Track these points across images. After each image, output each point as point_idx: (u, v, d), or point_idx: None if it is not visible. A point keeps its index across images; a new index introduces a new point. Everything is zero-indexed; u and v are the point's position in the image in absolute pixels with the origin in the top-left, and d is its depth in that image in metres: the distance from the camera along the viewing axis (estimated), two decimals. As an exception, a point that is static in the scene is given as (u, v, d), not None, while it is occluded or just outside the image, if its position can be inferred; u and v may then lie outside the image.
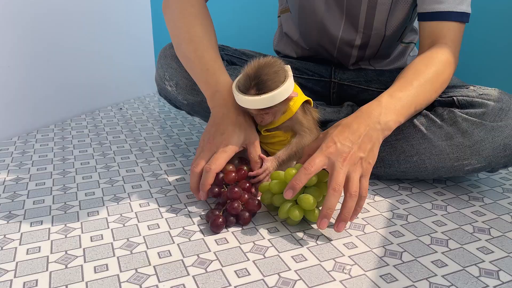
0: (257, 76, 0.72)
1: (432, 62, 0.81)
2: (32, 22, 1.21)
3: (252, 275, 0.61)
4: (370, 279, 0.60)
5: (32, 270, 0.61)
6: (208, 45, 0.85)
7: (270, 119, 0.77)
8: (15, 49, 1.17)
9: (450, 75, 0.84)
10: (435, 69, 0.80)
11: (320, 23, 0.95)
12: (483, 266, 0.63)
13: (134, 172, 0.95)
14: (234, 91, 0.75)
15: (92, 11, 1.41)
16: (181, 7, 0.88)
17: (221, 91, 0.80)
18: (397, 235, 0.71)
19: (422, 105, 0.80)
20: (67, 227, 0.73)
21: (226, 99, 0.79)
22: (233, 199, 0.73)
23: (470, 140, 0.79)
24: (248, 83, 0.73)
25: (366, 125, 0.72)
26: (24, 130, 1.22)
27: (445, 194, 0.86)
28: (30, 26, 1.20)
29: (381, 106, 0.75)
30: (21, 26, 1.17)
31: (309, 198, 0.69)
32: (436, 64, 0.81)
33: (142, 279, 0.60)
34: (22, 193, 0.85)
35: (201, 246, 0.68)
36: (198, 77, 0.85)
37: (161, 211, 0.78)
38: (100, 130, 1.25)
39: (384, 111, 0.74)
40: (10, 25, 1.14)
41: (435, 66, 0.80)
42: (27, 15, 1.19)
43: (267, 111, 0.75)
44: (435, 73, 0.80)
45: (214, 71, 0.83)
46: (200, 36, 0.85)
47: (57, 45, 1.30)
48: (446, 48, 0.83)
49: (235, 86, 0.76)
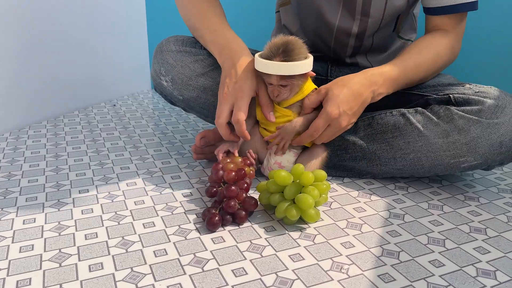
0: (284, 44, 0.76)
1: (435, 44, 0.87)
2: (25, 17, 1.19)
3: (249, 274, 0.60)
4: (368, 279, 0.60)
5: (25, 269, 0.60)
6: (214, 14, 0.91)
7: (286, 94, 0.79)
8: (7, 44, 1.15)
9: (450, 60, 0.90)
10: (437, 51, 0.87)
11: (318, 10, 0.94)
12: (480, 266, 0.63)
13: (128, 169, 0.94)
14: (257, 59, 0.77)
15: (85, 7, 1.39)
16: None
17: (229, 46, 0.85)
18: (394, 235, 0.71)
19: (414, 83, 0.89)
20: (61, 225, 0.72)
21: (234, 51, 0.84)
22: (230, 198, 0.73)
23: (467, 137, 0.79)
24: (275, 50, 0.75)
25: (366, 92, 0.80)
26: (16, 126, 1.20)
27: (441, 193, 0.86)
28: (22, 21, 1.18)
29: (383, 78, 0.82)
30: (14, 21, 1.16)
31: (307, 198, 0.69)
32: (438, 46, 0.87)
33: (138, 278, 0.59)
34: (14, 190, 0.84)
35: (197, 245, 0.67)
36: (207, 40, 0.90)
37: (156, 209, 0.78)
38: (93, 127, 1.23)
39: (382, 83, 0.82)
40: (2, 19, 1.12)
41: (437, 48, 0.87)
42: (19, 10, 1.17)
43: (286, 83, 0.77)
44: (436, 54, 0.87)
45: (221, 31, 0.88)
46: (206, 8, 0.91)
47: (49, 41, 1.28)
48: (450, 34, 0.89)
49: (258, 56, 0.78)
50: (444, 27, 0.89)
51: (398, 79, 0.84)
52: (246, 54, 0.83)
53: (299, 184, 0.73)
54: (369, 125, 0.88)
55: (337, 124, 0.79)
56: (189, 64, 0.93)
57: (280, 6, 1.09)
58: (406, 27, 1.02)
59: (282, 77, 0.76)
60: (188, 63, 0.93)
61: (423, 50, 0.87)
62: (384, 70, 0.83)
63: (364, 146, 0.88)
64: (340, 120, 0.79)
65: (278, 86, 0.78)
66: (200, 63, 0.93)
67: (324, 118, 0.79)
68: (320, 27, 0.98)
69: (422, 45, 0.88)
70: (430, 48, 0.87)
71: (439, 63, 0.88)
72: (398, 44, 1.04)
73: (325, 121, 0.79)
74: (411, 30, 1.05)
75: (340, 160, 0.90)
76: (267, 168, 0.86)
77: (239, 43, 0.86)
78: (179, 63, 0.93)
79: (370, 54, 1.02)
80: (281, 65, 0.75)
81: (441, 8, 0.87)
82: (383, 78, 0.82)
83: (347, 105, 0.79)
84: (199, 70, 0.92)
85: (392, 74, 0.83)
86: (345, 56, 1.03)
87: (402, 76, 0.84)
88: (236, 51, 0.84)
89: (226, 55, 0.84)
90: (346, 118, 0.80)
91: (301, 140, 0.82)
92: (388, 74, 0.83)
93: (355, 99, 0.79)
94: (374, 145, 0.87)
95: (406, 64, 0.85)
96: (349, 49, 1.01)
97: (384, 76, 0.82)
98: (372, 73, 0.82)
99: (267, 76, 0.78)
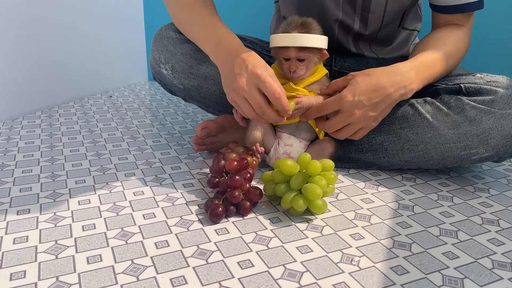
0: (302, 20, 0.77)
1: (456, 39, 0.86)
2: (18, 6, 1.15)
3: (256, 266, 0.57)
4: (380, 271, 0.57)
5: (19, 261, 0.57)
6: (203, 5, 0.85)
7: (302, 70, 0.78)
8: (2, 35, 1.11)
9: (464, 54, 0.88)
10: (458, 47, 0.85)
11: (319, 4, 0.91)
12: (496, 258, 0.60)
13: (126, 160, 0.91)
14: (273, 36, 0.77)
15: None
16: None
17: (223, 42, 0.79)
18: (404, 226, 0.68)
19: (441, 77, 0.85)
20: (57, 216, 0.68)
21: (230, 48, 0.78)
22: (234, 188, 0.70)
23: (478, 129, 0.77)
24: (294, 23, 0.76)
25: (394, 85, 0.76)
26: (9, 116, 1.16)
27: (450, 185, 0.83)
28: (16, 11, 1.14)
29: (416, 73, 0.78)
30: (7, 10, 1.11)
31: (315, 188, 0.66)
32: (458, 42, 0.85)
33: (139, 271, 0.56)
34: (7, 180, 0.80)
35: (200, 236, 0.64)
36: (197, 35, 0.84)
37: (156, 200, 0.74)
38: (89, 117, 1.20)
39: (415, 78, 0.77)
40: (-5, 5, 1.08)
41: (458, 44, 0.85)
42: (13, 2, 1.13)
43: (304, 57, 0.76)
44: (457, 50, 0.85)
45: (212, 25, 0.82)
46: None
47: (44, 31, 1.24)
48: (464, 28, 0.87)
49: (273, 34, 0.79)
50: (456, 22, 0.88)
51: (429, 72, 0.80)
52: (246, 51, 0.77)
53: (305, 174, 0.70)
54: (376, 115, 0.85)
55: (349, 112, 0.76)
56: (190, 52, 0.89)
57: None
58: (411, 18, 1.00)
59: (300, 49, 0.75)
60: (189, 51, 0.89)
61: (447, 43, 0.84)
62: (414, 64, 0.79)
63: (371, 137, 0.85)
64: (353, 109, 0.75)
65: (296, 61, 0.76)
66: (201, 51, 0.89)
67: (335, 99, 0.76)
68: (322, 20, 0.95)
69: (446, 38, 0.85)
70: (452, 41, 0.85)
71: (460, 56, 0.86)
72: (404, 36, 1.02)
73: (335, 102, 0.76)
74: (416, 20, 1.02)
75: (346, 152, 0.88)
76: (274, 157, 0.83)
77: (233, 40, 0.79)
78: (180, 51, 0.90)
79: (374, 45, 1.00)
80: (300, 35, 0.75)
81: (454, 6, 0.85)
82: (415, 70, 0.78)
83: (366, 95, 0.75)
84: (201, 58, 0.89)
85: (422, 68, 0.79)
86: (349, 47, 1.00)
87: (433, 69, 0.81)
88: (232, 49, 0.77)
89: (221, 52, 0.78)
90: (361, 109, 0.76)
91: (309, 114, 0.79)
92: (419, 67, 0.79)
93: (376, 91, 0.75)
94: (381, 136, 0.84)
95: (433, 56, 0.81)
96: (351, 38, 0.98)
97: (416, 68, 0.78)
98: (403, 68, 0.78)
99: (284, 50, 0.76)
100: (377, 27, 0.92)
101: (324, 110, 0.77)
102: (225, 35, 0.81)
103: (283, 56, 0.78)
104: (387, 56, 1.02)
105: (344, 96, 0.75)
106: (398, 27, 0.98)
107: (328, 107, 0.77)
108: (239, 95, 0.73)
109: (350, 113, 0.76)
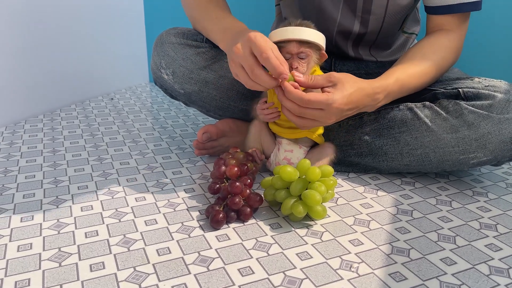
0: (301, 20, 0.78)
1: (440, 49, 0.84)
2: (21, 10, 1.15)
3: (256, 273, 0.58)
4: (378, 278, 0.58)
5: (24, 269, 0.58)
6: (215, 5, 0.88)
7: (304, 68, 0.76)
8: (3, 37, 1.11)
9: (454, 62, 0.87)
10: (442, 56, 0.83)
11: (319, 6, 0.92)
12: (493, 264, 0.61)
13: (128, 164, 0.92)
14: (273, 31, 0.77)
15: None
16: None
17: (230, 28, 0.81)
18: (403, 232, 0.69)
19: (418, 89, 0.84)
20: (60, 223, 0.69)
21: (236, 31, 0.78)
22: (234, 194, 0.70)
23: (476, 133, 0.77)
24: (293, 23, 0.77)
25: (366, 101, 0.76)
26: (12, 120, 1.17)
27: (449, 189, 0.84)
28: (18, 14, 1.15)
29: (386, 91, 0.77)
30: (10, 14, 1.12)
31: (315, 194, 0.67)
32: (443, 51, 0.84)
33: (141, 278, 0.57)
34: (11, 187, 0.81)
35: (201, 243, 0.65)
36: (208, 29, 0.87)
37: (158, 205, 0.75)
38: (91, 121, 1.21)
39: (385, 97, 0.78)
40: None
41: (441, 53, 0.83)
42: (14, 5, 1.13)
43: (305, 53, 0.75)
44: (441, 59, 0.84)
45: (221, 18, 0.85)
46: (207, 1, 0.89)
47: (46, 34, 1.25)
48: (453, 34, 0.85)
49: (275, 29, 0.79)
50: (447, 26, 0.86)
51: (401, 90, 0.80)
52: (250, 30, 0.75)
53: (305, 180, 0.71)
54: (375, 120, 0.86)
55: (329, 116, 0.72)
56: (190, 57, 0.90)
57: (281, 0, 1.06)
58: (409, 21, 1.00)
59: (301, 44, 0.75)
60: (190, 56, 0.90)
61: (428, 55, 0.82)
62: (388, 83, 0.78)
63: (370, 141, 0.86)
64: (336, 114, 0.72)
65: (296, 57, 0.75)
66: (202, 55, 0.90)
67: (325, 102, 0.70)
68: (321, 23, 0.96)
69: (427, 49, 0.83)
70: (435, 52, 0.83)
71: (444, 67, 0.85)
72: (402, 39, 1.02)
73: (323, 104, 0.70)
74: (414, 23, 1.02)
75: (346, 156, 0.88)
76: (275, 163, 0.84)
77: (241, 25, 0.81)
78: (181, 56, 0.90)
79: (374, 48, 1.00)
80: (301, 28, 0.75)
81: (443, 7, 0.84)
82: (387, 92, 0.77)
83: (346, 105, 0.73)
84: (201, 63, 0.90)
85: (395, 88, 0.78)
86: (348, 51, 1.00)
87: (406, 86, 0.80)
88: (238, 31, 0.77)
89: (229, 35, 0.79)
90: (338, 114, 0.73)
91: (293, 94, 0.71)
92: (391, 88, 0.78)
93: (356, 105, 0.74)
94: (381, 141, 0.85)
95: (410, 72, 0.80)
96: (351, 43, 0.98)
97: (388, 90, 0.78)
98: (377, 86, 0.77)
99: (286, 46, 0.75)
100: (377, 29, 0.93)
101: (311, 105, 0.71)
102: (232, 22, 0.83)
103: (285, 52, 0.76)
104: (386, 59, 1.02)
105: (334, 101, 0.71)
106: (398, 30, 0.98)
107: (314, 104, 0.70)
108: (236, 63, 0.72)
109: (329, 117, 0.72)
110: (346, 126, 0.89)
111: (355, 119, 0.88)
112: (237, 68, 0.72)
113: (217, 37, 0.84)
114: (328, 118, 0.73)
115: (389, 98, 0.79)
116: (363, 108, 0.77)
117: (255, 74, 0.69)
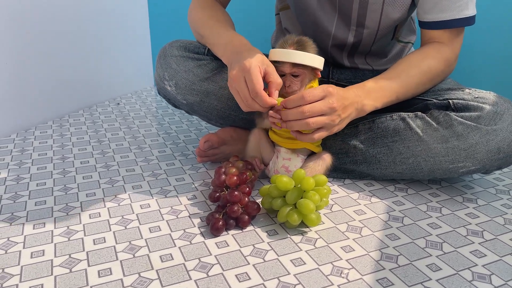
0: (299, 37, 0.80)
1: (427, 57, 0.88)
2: (28, 18, 1.20)
3: (252, 279, 0.62)
4: (367, 284, 0.62)
5: (37, 275, 0.63)
6: (218, 21, 0.94)
7: (296, 86, 0.80)
8: (12, 45, 1.16)
9: (444, 73, 0.90)
10: (428, 64, 0.87)
11: (314, 19, 0.95)
12: (476, 270, 0.65)
13: (134, 171, 0.96)
14: (272, 50, 0.81)
15: (88, 5, 1.40)
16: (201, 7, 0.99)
17: (230, 42, 0.86)
18: (393, 238, 0.73)
19: (406, 95, 0.88)
20: (70, 230, 0.74)
21: (236, 46, 0.84)
22: (233, 202, 0.75)
23: (465, 143, 0.81)
24: (290, 40, 0.80)
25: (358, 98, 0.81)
26: (22, 127, 1.22)
27: (440, 195, 0.88)
28: (26, 22, 1.20)
29: (364, 90, 0.83)
30: (17, 22, 1.17)
31: (309, 203, 0.71)
32: (430, 59, 0.88)
33: (146, 284, 0.61)
34: (23, 194, 0.86)
35: (202, 250, 0.69)
36: (211, 44, 0.92)
37: (162, 212, 0.80)
38: (98, 127, 1.25)
39: (364, 95, 0.82)
40: (5, 21, 1.14)
41: (428, 61, 0.88)
42: (23, 11, 1.18)
43: (298, 73, 0.79)
44: (427, 68, 0.87)
45: (223, 32, 0.90)
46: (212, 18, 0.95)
47: (53, 41, 1.29)
48: (445, 47, 0.88)
49: (273, 46, 0.82)
50: (440, 39, 0.89)
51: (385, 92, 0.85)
52: (250, 48, 0.82)
53: (300, 189, 0.75)
54: (369, 129, 0.90)
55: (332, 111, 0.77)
56: (192, 69, 0.94)
57: (280, 10, 1.10)
58: (404, 30, 1.03)
59: (295, 65, 0.79)
60: (192, 68, 0.94)
61: (412, 66, 0.87)
62: (366, 83, 0.85)
63: (365, 150, 0.89)
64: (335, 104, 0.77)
65: (290, 76, 0.80)
66: (203, 67, 0.94)
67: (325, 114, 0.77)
68: (317, 35, 0.99)
69: (412, 61, 0.88)
70: (420, 63, 0.87)
71: (432, 75, 0.88)
72: (398, 48, 1.05)
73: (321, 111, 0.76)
74: (410, 32, 1.06)
75: (341, 163, 0.92)
76: (273, 171, 0.88)
77: (241, 39, 0.87)
78: (183, 68, 0.94)
79: (370, 57, 1.04)
80: (294, 52, 0.78)
81: (435, 23, 0.87)
82: (366, 89, 0.84)
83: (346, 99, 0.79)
84: (202, 74, 0.94)
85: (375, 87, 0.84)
86: (343, 61, 1.04)
87: (388, 87, 0.85)
88: (238, 46, 0.84)
89: (229, 52, 0.85)
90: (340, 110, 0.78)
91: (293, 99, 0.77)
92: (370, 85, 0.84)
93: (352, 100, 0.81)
94: (375, 149, 0.89)
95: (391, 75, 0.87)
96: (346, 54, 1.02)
97: (366, 88, 0.84)
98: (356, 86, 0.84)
99: (280, 65, 0.80)
100: (370, 41, 0.96)
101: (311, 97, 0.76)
102: (232, 36, 0.88)
103: (279, 71, 0.81)
104: (382, 67, 1.05)
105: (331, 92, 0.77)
106: (391, 39, 1.02)
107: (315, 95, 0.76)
108: (232, 87, 0.80)
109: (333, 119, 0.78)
110: (341, 135, 0.92)
111: (350, 128, 0.92)
112: (234, 91, 0.79)
113: (219, 52, 0.89)
114: (332, 120, 0.78)
115: (370, 98, 0.83)
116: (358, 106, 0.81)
117: (249, 104, 0.77)
